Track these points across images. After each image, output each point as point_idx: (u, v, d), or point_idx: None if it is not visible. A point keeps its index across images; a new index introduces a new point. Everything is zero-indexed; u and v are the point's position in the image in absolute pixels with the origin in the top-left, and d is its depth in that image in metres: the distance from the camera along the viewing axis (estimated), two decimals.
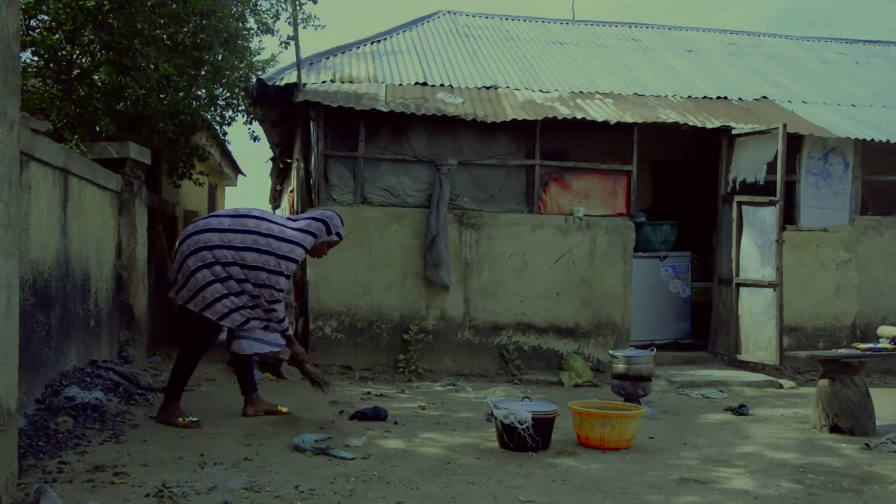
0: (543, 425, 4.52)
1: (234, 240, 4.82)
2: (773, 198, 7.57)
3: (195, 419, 4.82)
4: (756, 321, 7.72)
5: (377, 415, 5.21)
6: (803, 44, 12.42)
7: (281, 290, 4.90)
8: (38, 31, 6.55)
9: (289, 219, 5.17)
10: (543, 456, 4.41)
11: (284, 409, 5.27)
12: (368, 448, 4.42)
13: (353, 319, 7.46)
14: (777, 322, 7.47)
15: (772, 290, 7.53)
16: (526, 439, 4.40)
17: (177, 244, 4.99)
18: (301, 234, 4.95)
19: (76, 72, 6.67)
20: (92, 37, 6.38)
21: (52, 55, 6.52)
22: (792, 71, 11.01)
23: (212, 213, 5.10)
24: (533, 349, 7.72)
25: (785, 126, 7.60)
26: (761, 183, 7.67)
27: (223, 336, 5.26)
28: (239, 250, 4.81)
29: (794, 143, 8.22)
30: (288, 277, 4.93)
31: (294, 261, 4.89)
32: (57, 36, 6.52)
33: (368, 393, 6.41)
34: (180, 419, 4.78)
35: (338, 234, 5.13)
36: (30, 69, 6.68)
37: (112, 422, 4.63)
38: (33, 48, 6.52)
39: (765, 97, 9.52)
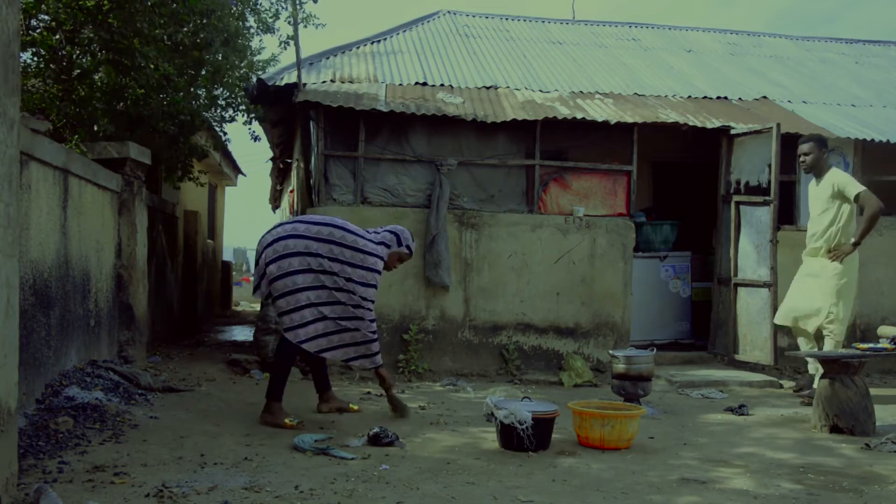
0: (543, 425, 4.52)
1: (322, 249, 4.95)
2: (767, 198, 7.57)
3: (299, 420, 4.94)
4: (753, 321, 7.73)
5: (388, 440, 4.61)
6: (803, 44, 12.43)
7: (372, 301, 5.06)
8: (38, 31, 6.56)
9: (366, 230, 5.28)
10: (543, 456, 4.41)
11: (355, 407, 5.52)
12: (368, 448, 4.42)
13: None
14: (772, 322, 7.46)
15: (767, 289, 7.53)
16: (526, 439, 4.40)
17: (267, 242, 5.01)
18: (377, 245, 5.13)
19: (76, 72, 6.67)
20: (92, 35, 6.38)
21: (52, 55, 6.53)
22: (792, 71, 11.01)
23: (297, 219, 5.18)
24: (533, 349, 7.72)
25: (779, 126, 7.60)
26: (764, 185, 7.67)
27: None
28: (329, 260, 4.95)
29: (794, 143, 8.21)
30: (374, 287, 5.07)
31: (378, 272, 5.07)
32: (57, 36, 6.52)
33: (368, 393, 6.41)
34: (287, 420, 4.90)
35: (408, 248, 5.29)
36: (30, 69, 6.69)
37: (112, 422, 4.63)
38: (33, 48, 6.52)
39: (765, 97, 9.52)
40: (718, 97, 9.35)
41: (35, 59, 6.75)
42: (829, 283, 6.44)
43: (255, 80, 8.39)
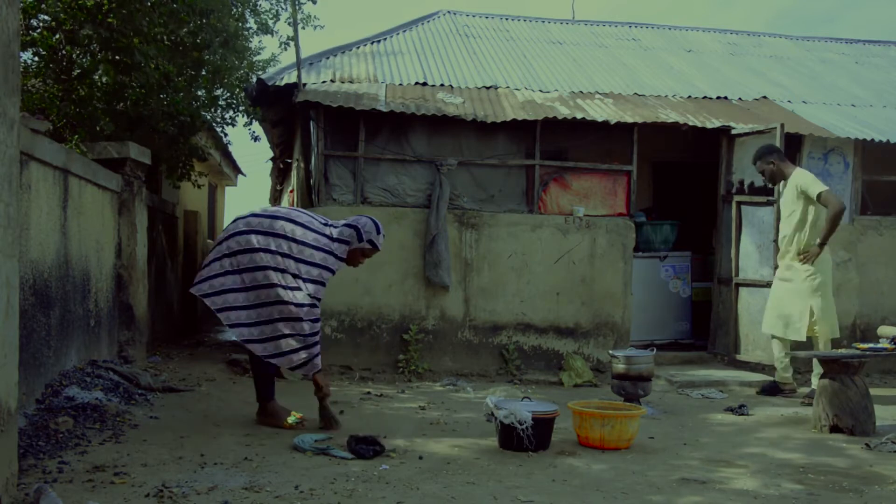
0: (543, 425, 4.52)
1: (272, 244, 4.65)
2: (770, 198, 7.57)
3: (301, 418, 4.81)
4: (755, 321, 7.72)
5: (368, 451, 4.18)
6: (803, 44, 12.43)
7: (319, 300, 4.70)
8: (38, 30, 6.56)
9: (325, 224, 4.90)
10: (543, 456, 4.41)
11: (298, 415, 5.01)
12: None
13: (353, 319, 7.46)
14: None
15: (769, 289, 7.52)
16: (526, 439, 4.40)
17: (218, 240, 4.81)
18: (333, 242, 4.79)
19: (76, 71, 6.67)
20: (92, 35, 6.38)
21: (52, 55, 6.53)
22: (792, 71, 11.01)
23: (252, 213, 4.88)
24: (533, 349, 7.72)
25: (783, 126, 7.60)
26: (769, 186, 7.66)
27: (226, 336, 5.18)
28: (280, 255, 4.64)
29: (794, 143, 8.22)
30: (324, 285, 4.74)
31: (331, 270, 4.74)
32: (57, 36, 6.53)
33: (368, 393, 6.41)
34: (288, 419, 4.79)
35: (370, 242, 4.86)
36: (30, 69, 6.69)
37: (112, 422, 4.63)
38: (33, 48, 6.52)
39: (765, 97, 9.52)
40: (718, 97, 9.35)
41: (35, 58, 6.76)
42: (803, 286, 6.52)
43: (255, 80, 8.39)
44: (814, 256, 6.50)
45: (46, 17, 6.55)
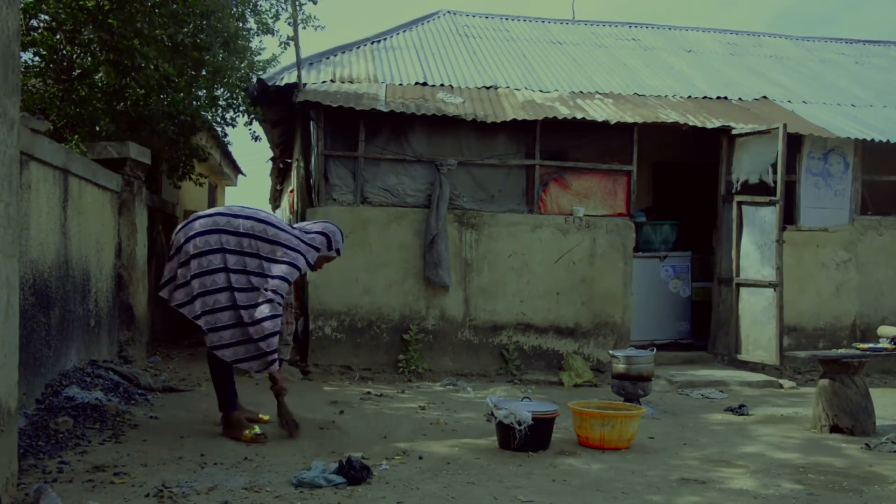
0: (543, 425, 4.52)
1: (243, 244, 4.53)
2: (773, 198, 7.57)
3: (261, 433, 4.50)
4: (756, 321, 7.72)
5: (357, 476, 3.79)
6: (803, 44, 12.42)
7: (283, 297, 4.55)
8: (38, 31, 6.56)
9: (293, 227, 4.86)
10: (543, 456, 4.41)
11: (265, 418, 4.88)
12: (368, 448, 4.42)
13: (353, 319, 7.46)
14: (777, 322, 7.46)
15: (772, 290, 7.53)
16: (526, 439, 4.40)
17: (180, 241, 4.58)
18: (307, 247, 4.72)
19: (76, 72, 6.67)
20: (92, 36, 6.38)
21: (52, 55, 6.53)
22: (792, 71, 11.01)
23: (217, 211, 4.72)
24: (533, 349, 7.72)
25: (785, 126, 7.60)
26: (771, 185, 7.67)
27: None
28: (246, 255, 4.52)
29: (794, 143, 8.22)
30: (290, 284, 4.63)
31: (299, 270, 4.64)
32: (57, 36, 6.53)
33: (368, 393, 6.41)
34: (246, 432, 4.49)
35: (337, 251, 4.91)
36: (30, 69, 6.69)
37: (112, 422, 4.63)
38: (34, 48, 6.52)
39: (765, 97, 9.51)
40: (718, 97, 9.35)
41: (35, 59, 6.75)
42: None
43: (255, 80, 8.38)
44: None
45: (47, 18, 6.55)
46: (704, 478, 4.03)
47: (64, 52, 6.63)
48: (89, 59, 6.75)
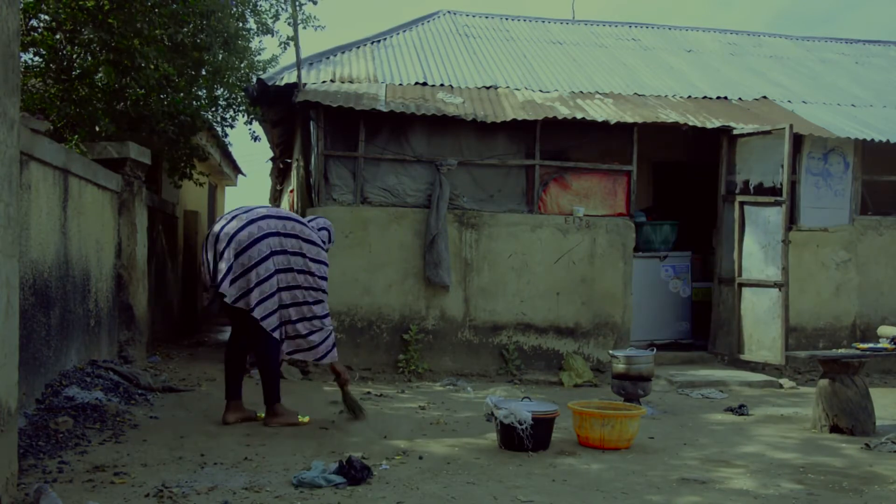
0: (543, 425, 4.52)
1: (293, 244, 4.90)
2: (778, 198, 7.56)
3: (306, 418, 4.99)
4: (760, 321, 7.72)
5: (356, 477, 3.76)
6: (803, 44, 12.42)
7: (325, 293, 5.05)
8: (38, 31, 6.56)
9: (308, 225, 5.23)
10: (543, 456, 4.41)
11: (306, 419, 5.07)
12: (368, 448, 4.42)
13: (354, 319, 7.46)
14: (782, 322, 7.46)
15: (777, 290, 7.53)
16: (526, 439, 4.40)
17: (246, 243, 4.73)
18: (322, 242, 5.14)
19: (76, 72, 6.67)
20: (92, 36, 6.38)
21: (52, 55, 6.53)
22: (792, 71, 11.01)
23: (269, 214, 4.93)
24: (533, 349, 7.72)
25: (791, 126, 7.60)
26: (772, 185, 7.66)
27: (226, 336, 5.17)
28: (291, 255, 4.89)
29: (795, 143, 8.21)
30: (326, 280, 5.08)
31: (327, 265, 5.08)
32: (57, 36, 6.53)
33: (369, 393, 6.41)
34: (300, 417, 4.97)
35: (332, 242, 5.37)
36: (30, 69, 6.69)
37: (112, 422, 4.63)
38: (34, 48, 6.52)
39: (765, 97, 9.52)
40: (718, 97, 9.35)
41: (35, 59, 6.75)
42: None
43: (255, 80, 8.38)
44: None
45: (47, 18, 6.55)
46: (704, 478, 4.03)
47: (64, 52, 6.63)
48: (89, 58, 6.75)
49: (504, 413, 4.46)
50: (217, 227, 4.83)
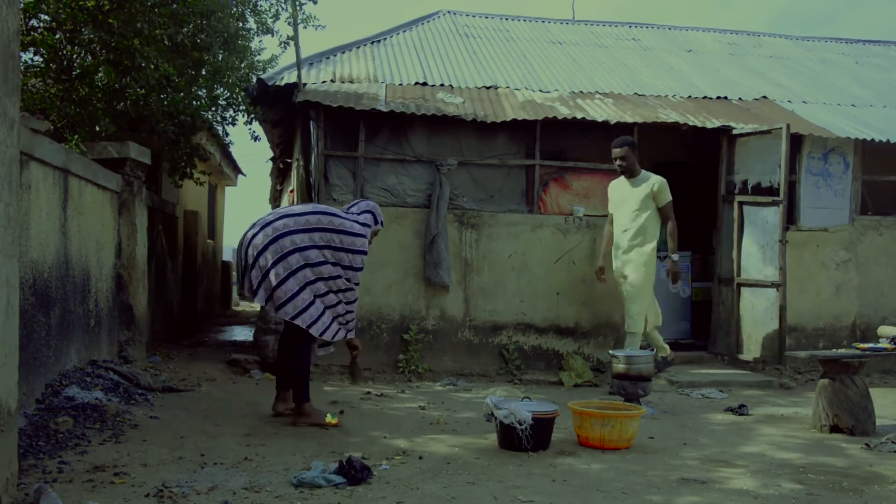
0: (543, 425, 4.52)
1: (315, 238, 4.89)
2: (776, 198, 7.56)
3: (335, 419, 4.99)
4: (758, 321, 7.72)
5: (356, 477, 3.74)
6: (803, 44, 12.42)
7: (358, 284, 5.09)
8: (38, 31, 6.55)
9: (348, 211, 5.28)
10: (543, 456, 4.41)
11: (335, 420, 5.11)
12: (368, 448, 4.42)
13: None
14: (780, 322, 7.46)
15: (774, 290, 7.53)
16: (525, 439, 4.40)
17: (262, 246, 4.81)
18: (363, 227, 5.12)
19: (76, 72, 6.67)
20: (92, 35, 6.38)
21: (52, 55, 6.52)
22: (792, 71, 11.00)
23: (286, 213, 5.02)
24: (533, 349, 7.72)
25: (789, 126, 7.60)
26: (770, 185, 7.66)
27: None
28: (322, 248, 4.89)
29: (795, 142, 8.22)
30: (361, 270, 5.09)
31: (365, 254, 5.08)
32: (57, 36, 6.52)
33: (369, 393, 6.41)
34: (328, 417, 4.97)
35: (381, 223, 5.38)
36: (30, 69, 6.69)
37: (112, 422, 4.63)
38: (34, 48, 6.52)
39: (765, 97, 9.51)
40: (718, 97, 9.35)
41: (36, 59, 6.75)
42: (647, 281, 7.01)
43: (255, 80, 8.38)
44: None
45: (47, 18, 6.55)
46: (704, 478, 4.03)
47: (64, 52, 6.63)
48: (89, 58, 6.75)
49: (504, 413, 4.46)
50: (243, 235, 5.01)
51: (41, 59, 6.66)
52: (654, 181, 6.97)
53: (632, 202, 6.98)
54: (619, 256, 7.11)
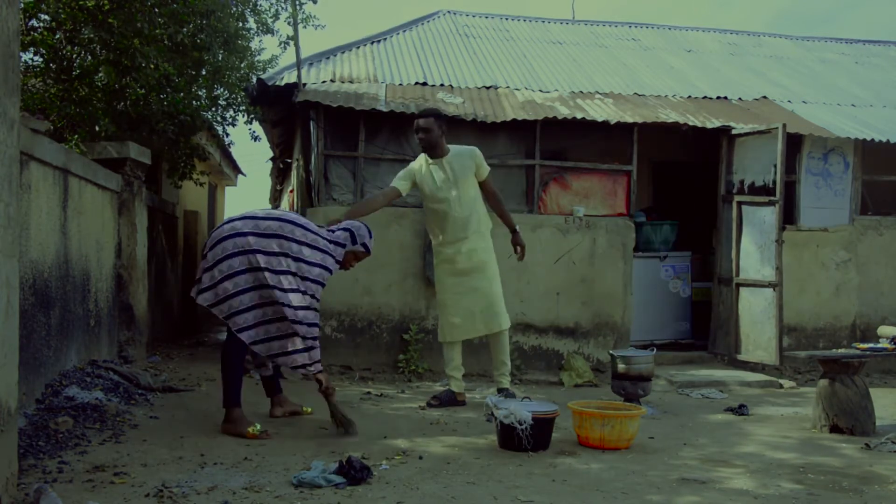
0: (543, 425, 4.52)
1: (272, 245, 4.61)
2: (772, 198, 7.57)
3: (264, 430, 4.59)
4: (756, 321, 7.73)
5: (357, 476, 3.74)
6: (803, 44, 12.43)
7: (318, 300, 4.72)
8: (38, 31, 6.56)
9: (321, 227, 4.97)
10: (543, 456, 4.41)
11: (309, 410, 5.17)
12: (368, 448, 4.42)
13: (353, 319, 7.46)
14: (777, 322, 7.47)
15: (771, 290, 7.54)
16: (525, 439, 4.40)
17: (211, 243, 4.68)
18: (332, 245, 4.83)
19: (76, 72, 6.67)
20: (92, 35, 6.38)
21: (52, 55, 6.52)
22: (792, 71, 11.01)
23: (243, 215, 4.80)
24: (533, 349, 7.72)
25: (785, 126, 7.60)
26: (768, 185, 7.67)
27: (223, 337, 5.09)
28: (274, 256, 4.60)
29: (795, 142, 8.22)
30: (323, 286, 4.75)
31: (329, 270, 4.75)
32: (57, 36, 6.52)
33: (368, 393, 6.41)
34: (249, 429, 4.55)
35: (363, 245, 4.97)
36: (30, 69, 6.69)
37: (112, 422, 4.63)
38: (34, 48, 6.52)
39: (765, 97, 9.52)
40: (718, 97, 9.36)
41: (35, 58, 6.75)
42: (492, 269, 5.93)
43: (255, 80, 8.38)
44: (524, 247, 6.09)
45: (47, 18, 6.55)
46: (704, 478, 4.03)
47: (64, 51, 6.63)
48: (89, 58, 6.75)
49: (504, 413, 4.46)
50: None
51: (41, 59, 6.66)
52: (472, 153, 6.08)
53: (448, 185, 5.98)
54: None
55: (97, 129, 6.58)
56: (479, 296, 5.86)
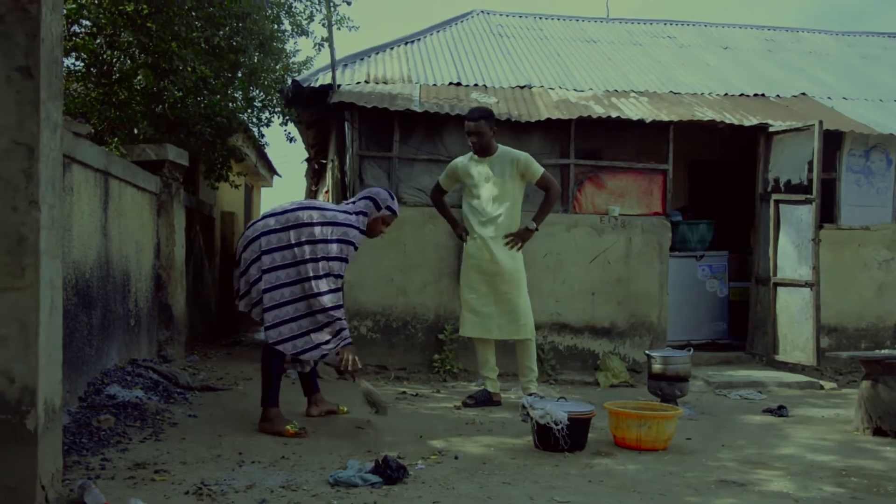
0: (579, 426, 4.50)
1: (291, 236, 4.66)
2: (809, 196, 7.45)
3: (301, 428, 4.64)
4: (793, 321, 7.61)
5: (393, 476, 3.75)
6: (844, 39, 12.20)
7: (340, 276, 4.73)
8: (80, 36, 6.68)
9: (341, 203, 5.04)
10: (579, 456, 4.39)
11: (345, 409, 5.25)
12: (404, 448, 4.43)
13: (389, 319, 7.49)
14: (814, 322, 7.34)
15: (809, 289, 7.42)
16: (562, 440, 4.38)
17: (239, 250, 4.82)
18: (353, 216, 4.85)
19: (116, 75, 6.79)
20: (131, 40, 6.49)
21: (93, 60, 6.65)
22: (832, 67, 10.82)
23: (263, 214, 4.91)
24: (568, 349, 7.69)
25: (821, 123, 7.47)
26: (805, 183, 7.55)
27: (263, 336, 5.05)
28: (295, 246, 4.65)
29: (835, 140, 8.08)
30: (346, 261, 4.76)
31: (352, 243, 4.76)
32: (98, 41, 6.65)
33: (404, 392, 6.43)
34: (288, 427, 4.60)
35: (388, 209, 4.97)
36: (72, 74, 6.81)
37: (152, 420, 4.70)
38: (75, 53, 6.64)
39: (804, 94, 9.37)
40: (756, 94, 9.23)
41: (77, 63, 6.88)
42: (517, 277, 5.94)
43: (290, 81, 8.45)
44: (525, 241, 6.07)
45: (88, 23, 6.67)
46: (743, 479, 3.98)
47: (104, 56, 6.75)
48: (128, 62, 6.87)
49: (540, 413, 4.45)
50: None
51: (82, 64, 6.79)
52: (517, 155, 6.00)
53: (490, 185, 6.02)
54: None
55: (136, 131, 6.69)
56: (500, 301, 5.89)
